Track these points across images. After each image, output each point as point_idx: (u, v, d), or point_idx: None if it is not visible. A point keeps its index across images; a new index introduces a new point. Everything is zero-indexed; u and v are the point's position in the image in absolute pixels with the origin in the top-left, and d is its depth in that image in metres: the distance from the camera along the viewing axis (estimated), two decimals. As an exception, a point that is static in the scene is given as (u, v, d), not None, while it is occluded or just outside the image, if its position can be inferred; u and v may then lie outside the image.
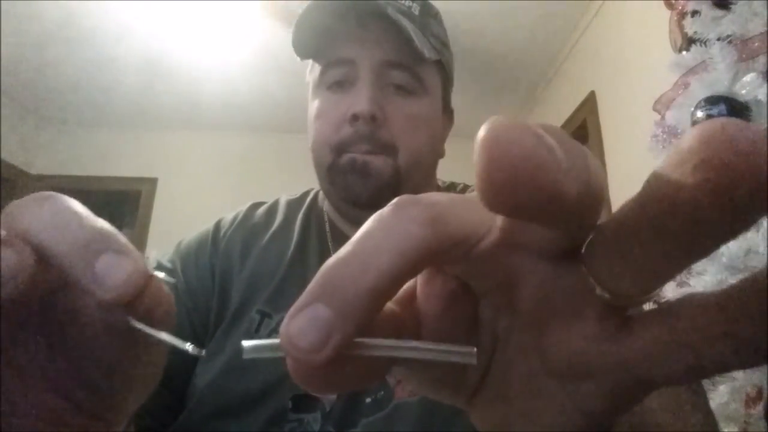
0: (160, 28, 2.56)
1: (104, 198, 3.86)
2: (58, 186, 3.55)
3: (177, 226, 3.35)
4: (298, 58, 0.57)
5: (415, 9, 0.55)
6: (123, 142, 3.64)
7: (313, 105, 0.56)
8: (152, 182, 3.57)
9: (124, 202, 3.98)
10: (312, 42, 0.54)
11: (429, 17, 0.57)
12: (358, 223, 0.62)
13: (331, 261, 0.14)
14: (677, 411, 0.34)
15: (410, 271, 0.14)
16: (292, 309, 0.14)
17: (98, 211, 0.18)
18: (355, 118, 0.51)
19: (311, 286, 0.14)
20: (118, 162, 3.59)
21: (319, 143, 0.54)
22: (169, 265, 0.56)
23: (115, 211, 4.21)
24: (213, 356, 0.50)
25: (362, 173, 0.51)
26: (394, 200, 0.15)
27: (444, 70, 0.59)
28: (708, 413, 0.39)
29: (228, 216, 0.62)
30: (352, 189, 0.52)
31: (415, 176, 0.54)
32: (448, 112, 0.63)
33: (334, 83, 0.54)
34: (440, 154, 0.62)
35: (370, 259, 0.14)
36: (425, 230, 0.14)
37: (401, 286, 0.14)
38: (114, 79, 3.05)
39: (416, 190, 0.55)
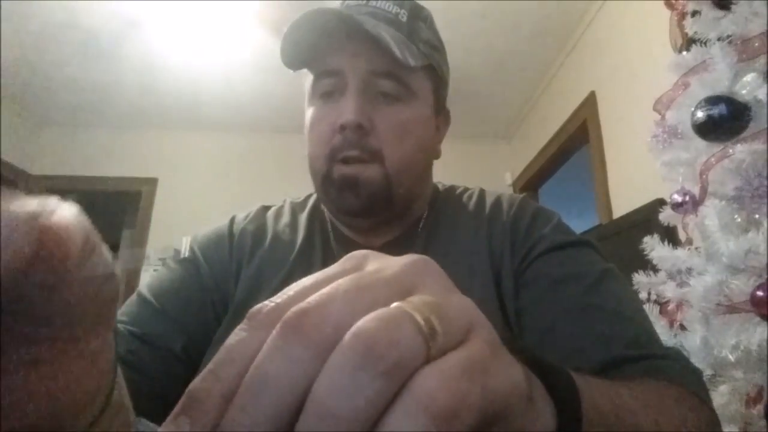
0: (160, 28, 2.57)
1: (104, 198, 3.86)
2: (58, 186, 3.51)
3: (177, 225, 3.37)
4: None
5: (403, 15, 0.56)
6: (123, 142, 3.64)
7: (308, 113, 0.59)
8: (152, 182, 3.58)
9: (124, 202, 3.97)
10: (300, 55, 0.57)
11: (418, 21, 0.58)
12: (354, 228, 0.60)
13: None
14: (660, 409, 0.33)
15: None
16: None
17: (98, 211, 0.18)
18: (342, 128, 0.54)
19: None
20: (118, 162, 3.59)
21: (314, 153, 0.57)
22: (189, 254, 0.60)
23: (115, 212, 4.21)
24: (219, 344, 0.51)
25: (353, 186, 0.54)
26: None
27: (435, 72, 0.60)
28: (693, 409, 0.38)
29: (240, 214, 0.66)
30: (345, 201, 0.55)
31: (405, 180, 0.57)
32: (443, 113, 0.65)
33: (325, 93, 0.57)
34: (435, 156, 0.64)
35: None
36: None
37: None
38: (114, 80, 3.05)
39: (409, 193, 0.58)
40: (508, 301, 0.52)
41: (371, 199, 0.54)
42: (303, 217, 0.64)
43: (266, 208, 0.67)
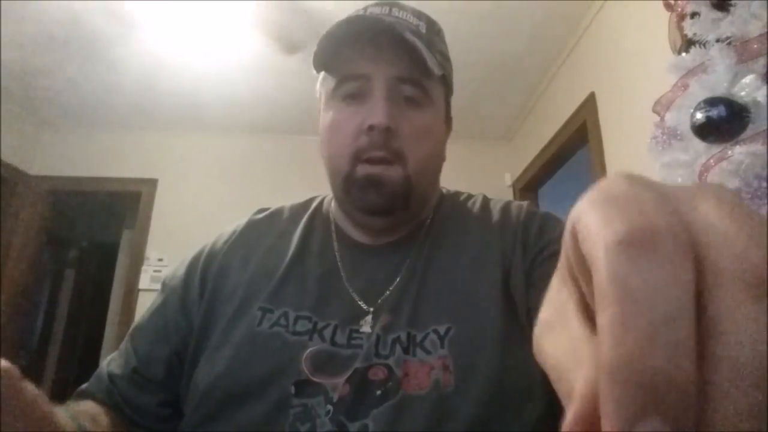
0: (160, 29, 2.57)
1: (105, 199, 3.86)
2: (58, 187, 3.51)
3: (177, 227, 3.38)
4: (314, 71, 0.61)
5: (422, 27, 0.60)
6: (123, 143, 3.64)
7: (327, 115, 0.60)
8: (152, 183, 3.57)
9: (124, 203, 3.97)
10: (331, 57, 0.58)
11: (433, 34, 0.61)
12: (368, 228, 0.62)
13: None
14: None
15: None
16: None
17: (99, 212, 0.18)
18: (371, 128, 0.55)
19: None
20: (118, 163, 3.60)
21: (336, 152, 0.58)
22: (167, 279, 0.63)
23: (115, 212, 4.22)
24: (216, 351, 0.53)
25: (377, 185, 0.56)
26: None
27: (446, 82, 0.63)
28: None
29: (228, 228, 0.67)
30: (368, 199, 0.57)
31: (423, 182, 0.59)
32: (448, 120, 0.68)
33: (349, 95, 0.58)
34: (443, 160, 0.67)
35: None
36: None
37: None
38: (114, 81, 3.05)
39: (424, 194, 0.61)
40: (518, 298, 0.53)
41: (392, 198, 0.57)
42: (302, 220, 0.65)
43: (261, 212, 0.69)
